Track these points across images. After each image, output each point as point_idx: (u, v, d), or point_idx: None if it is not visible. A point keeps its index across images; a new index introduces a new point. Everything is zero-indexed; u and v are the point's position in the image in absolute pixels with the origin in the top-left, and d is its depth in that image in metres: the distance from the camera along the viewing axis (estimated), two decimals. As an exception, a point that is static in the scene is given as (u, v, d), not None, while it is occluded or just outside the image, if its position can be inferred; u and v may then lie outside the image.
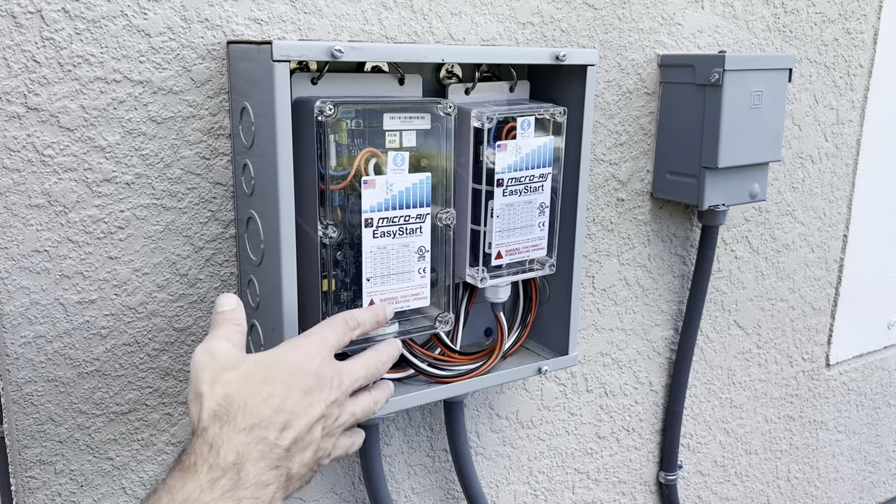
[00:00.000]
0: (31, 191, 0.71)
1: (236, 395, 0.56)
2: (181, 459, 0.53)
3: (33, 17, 0.68)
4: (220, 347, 0.60)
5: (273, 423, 0.56)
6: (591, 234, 1.09)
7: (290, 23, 0.80)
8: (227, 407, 0.55)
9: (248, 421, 0.55)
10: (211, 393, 0.56)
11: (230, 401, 0.56)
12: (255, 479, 0.53)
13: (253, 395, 0.56)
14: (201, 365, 0.59)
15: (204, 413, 0.55)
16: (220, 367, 0.58)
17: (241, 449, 0.53)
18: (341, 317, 0.67)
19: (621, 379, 1.20)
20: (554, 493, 1.18)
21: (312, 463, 0.60)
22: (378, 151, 0.73)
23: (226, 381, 0.57)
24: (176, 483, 0.52)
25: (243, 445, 0.54)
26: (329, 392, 0.60)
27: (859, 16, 1.32)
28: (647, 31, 1.06)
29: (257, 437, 0.55)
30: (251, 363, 0.59)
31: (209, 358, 0.59)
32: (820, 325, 1.47)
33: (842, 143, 1.37)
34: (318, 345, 0.62)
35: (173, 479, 0.52)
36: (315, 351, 0.62)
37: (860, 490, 1.70)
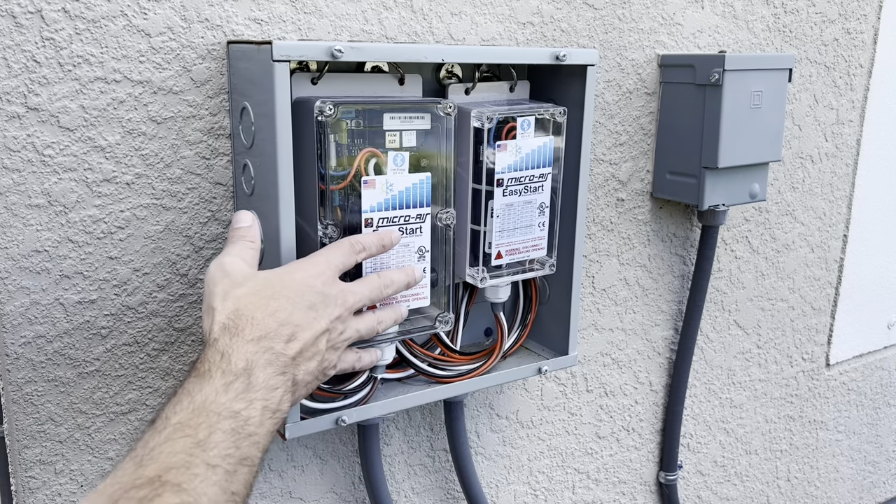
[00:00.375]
0: (31, 191, 0.71)
1: (245, 310, 0.60)
2: (196, 367, 0.58)
3: (33, 17, 0.68)
4: (233, 264, 0.64)
5: (279, 334, 0.60)
6: (591, 234, 1.09)
7: (290, 23, 0.80)
8: (235, 320, 0.59)
9: (256, 332, 0.59)
10: (222, 308, 0.61)
11: (239, 314, 0.60)
12: (265, 383, 0.57)
13: (261, 310, 0.60)
14: (214, 280, 0.63)
15: (215, 326, 0.60)
16: (231, 283, 0.62)
17: (249, 357, 0.58)
18: (347, 240, 0.70)
19: (621, 379, 1.20)
20: (554, 493, 1.18)
21: (318, 372, 0.64)
22: (378, 151, 0.73)
23: (236, 297, 0.61)
24: (193, 387, 0.56)
25: (252, 354, 0.58)
26: (333, 308, 0.64)
27: (859, 16, 1.32)
28: (647, 31, 1.06)
29: (264, 346, 0.59)
30: (260, 280, 0.63)
31: (222, 274, 0.63)
32: (820, 325, 1.47)
33: (842, 143, 1.37)
34: (323, 265, 0.66)
35: (190, 384, 0.56)
36: (321, 270, 0.65)
37: (860, 490, 1.70)
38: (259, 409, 0.57)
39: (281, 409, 0.59)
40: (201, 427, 0.53)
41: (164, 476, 0.50)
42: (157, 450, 0.52)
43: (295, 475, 0.93)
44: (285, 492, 0.93)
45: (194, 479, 0.51)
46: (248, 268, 0.65)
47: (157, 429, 0.54)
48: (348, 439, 0.96)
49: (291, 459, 0.92)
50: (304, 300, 0.63)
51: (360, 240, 0.70)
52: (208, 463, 0.52)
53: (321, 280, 0.65)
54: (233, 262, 0.65)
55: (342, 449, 0.96)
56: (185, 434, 0.53)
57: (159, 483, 0.50)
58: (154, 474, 0.50)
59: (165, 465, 0.51)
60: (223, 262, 0.65)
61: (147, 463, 0.51)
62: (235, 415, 0.55)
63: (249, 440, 0.55)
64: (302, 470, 0.94)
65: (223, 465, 0.53)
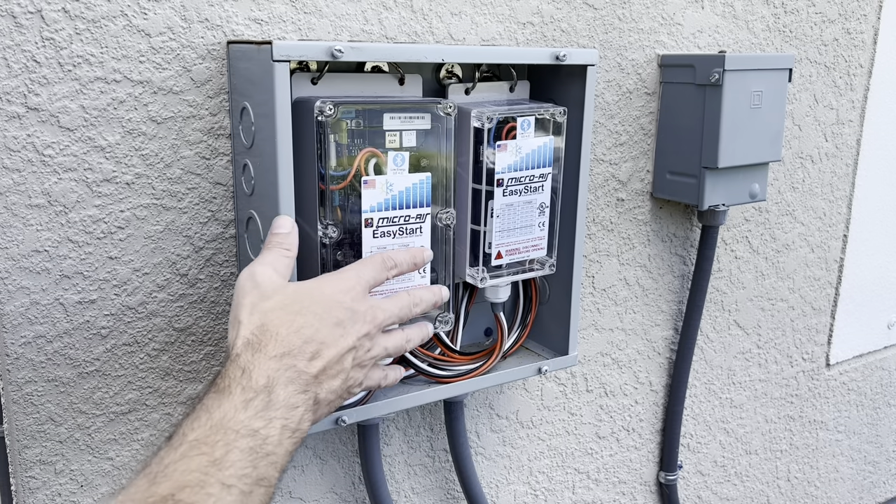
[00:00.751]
0: (31, 191, 0.71)
1: (270, 325, 0.59)
2: (216, 382, 0.57)
3: (33, 17, 0.68)
4: (264, 274, 0.63)
5: (303, 352, 0.59)
6: (591, 234, 1.09)
7: (290, 23, 0.80)
8: (259, 336, 0.59)
9: (279, 350, 0.58)
10: (248, 321, 0.60)
11: (264, 330, 0.59)
12: (285, 402, 0.56)
13: (286, 326, 0.59)
14: (244, 291, 0.62)
15: (238, 340, 0.59)
16: (260, 296, 0.61)
17: (271, 374, 0.57)
18: (379, 256, 0.69)
19: (621, 379, 1.20)
20: (554, 493, 1.18)
21: (342, 391, 0.63)
22: (378, 151, 0.73)
23: (263, 311, 0.60)
24: (212, 403, 0.55)
25: (273, 371, 0.57)
26: (361, 325, 0.63)
27: (859, 16, 1.32)
28: (647, 31, 1.06)
29: (287, 364, 0.58)
30: (289, 293, 0.62)
31: (252, 285, 0.62)
32: (820, 325, 1.47)
33: (842, 143, 1.37)
34: (353, 280, 0.65)
35: (210, 399, 0.55)
36: (351, 285, 0.64)
37: (860, 490, 1.70)
38: (278, 427, 0.55)
39: (301, 429, 0.58)
40: (218, 445, 0.52)
41: (177, 495, 0.49)
42: (171, 467, 0.51)
43: (295, 475, 0.93)
44: (285, 492, 0.93)
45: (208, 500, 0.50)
46: (279, 278, 0.64)
47: (172, 445, 0.53)
48: (348, 439, 0.96)
49: (291, 459, 0.92)
50: (331, 316, 0.62)
51: (393, 256, 0.70)
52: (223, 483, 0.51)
53: (350, 296, 0.64)
54: (264, 271, 0.64)
55: (342, 449, 0.96)
56: (201, 452, 0.52)
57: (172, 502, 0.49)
58: (167, 492, 0.49)
59: (179, 484, 0.50)
60: (254, 272, 0.64)
61: (161, 480, 0.50)
62: (254, 433, 0.54)
63: (267, 460, 0.54)
64: (302, 470, 0.94)
65: (239, 485, 0.52)
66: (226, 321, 0.84)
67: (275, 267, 0.65)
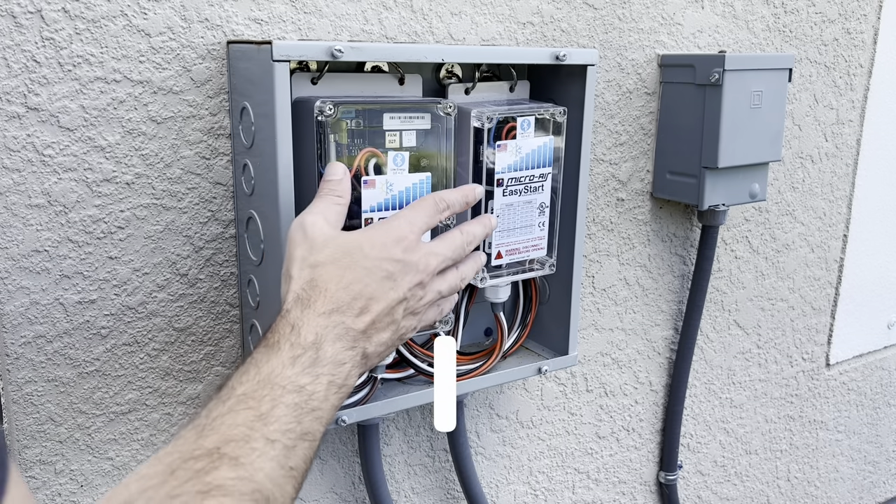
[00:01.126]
0: (31, 191, 0.71)
1: (319, 280, 0.59)
2: (266, 337, 0.57)
3: (33, 17, 0.68)
4: (314, 225, 0.63)
5: (351, 307, 0.59)
6: (591, 234, 1.09)
7: (290, 23, 0.80)
8: (309, 291, 0.59)
9: (328, 306, 0.58)
10: (299, 276, 0.60)
11: (313, 285, 0.59)
12: (332, 358, 0.57)
13: (335, 281, 0.59)
14: (295, 242, 0.62)
15: (289, 296, 0.59)
16: (310, 248, 0.61)
17: (319, 331, 0.57)
18: (431, 198, 0.68)
19: (621, 379, 1.20)
20: (554, 493, 1.18)
21: (392, 341, 0.63)
22: (378, 151, 0.73)
23: (312, 265, 0.60)
24: (262, 358, 0.56)
25: (322, 328, 0.57)
26: (414, 275, 0.63)
27: (859, 16, 1.32)
28: (647, 31, 1.06)
29: (335, 321, 0.58)
30: (340, 245, 0.61)
31: (302, 236, 0.62)
32: (820, 325, 1.47)
33: (842, 143, 1.37)
34: (406, 228, 0.64)
35: (259, 353, 0.56)
36: (403, 234, 0.63)
37: (860, 490, 1.70)
38: (325, 384, 0.56)
39: (347, 384, 0.58)
40: (265, 400, 0.53)
41: (222, 448, 0.50)
42: (218, 420, 0.52)
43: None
44: (285, 492, 0.93)
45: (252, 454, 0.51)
46: (329, 228, 0.63)
47: (221, 398, 0.53)
48: (348, 439, 0.96)
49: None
50: (381, 270, 0.61)
51: (445, 197, 0.68)
52: (268, 437, 0.52)
53: (402, 246, 0.63)
54: (314, 221, 0.63)
55: (342, 449, 0.96)
56: (247, 406, 0.53)
57: (217, 455, 0.50)
58: (213, 446, 0.50)
59: (225, 438, 0.51)
60: (304, 223, 0.63)
61: (208, 433, 0.51)
62: (300, 389, 0.55)
63: (312, 415, 0.55)
64: (302, 470, 0.93)
65: (283, 439, 0.53)
66: (225, 321, 0.84)
67: (325, 216, 0.64)
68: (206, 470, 0.49)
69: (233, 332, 0.85)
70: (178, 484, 0.48)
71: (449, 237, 0.68)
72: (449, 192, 0.70)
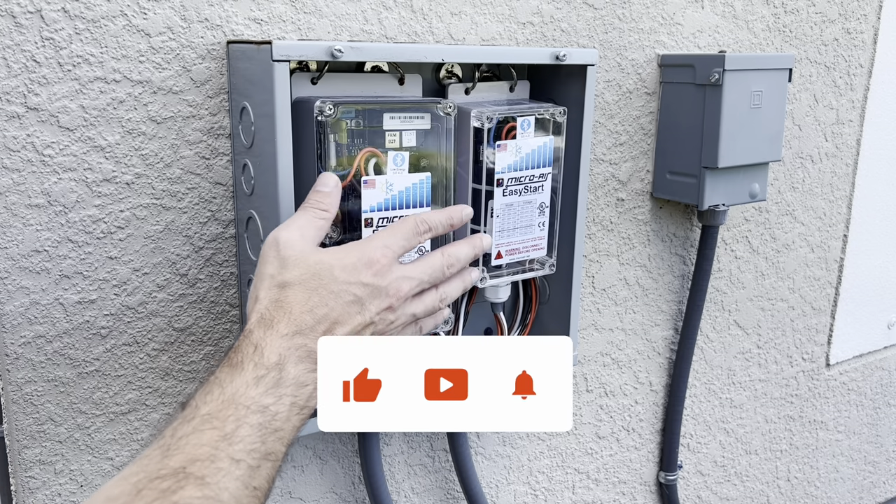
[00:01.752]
0: (31, 191, 0.71)
1: (285, 301, 0.59)
2: (230, 357, 0.58)
3: (33, 17, 0.68)
4: (288, 241, 0.62)
5: (314, 330, 0.59)
6: (591, 234, 1.09)
7: (289, 23, 0.80)
8: (273, 312, 0.59)
9: (291, 328, 0.58)
10: (266, 295, 0.60)
11: (279, 306, 0.59)
12: (295, 380, 0.57)
13: (301, 303, 0.59)
14: (266, 259, 0.62)
15: (253, 316, 0.60)
16: (280, 266, 0.61)
17: (282, 352, 0.57)
18: (411, 219, 0.67)
19: (621, 379, 1.20)
20: (554, 493, 1.18)
21: None
22: (378, 151, 0.73)
23: (280, 284, 0.60)
24: (225, 377, 0.56)
25: (284, 349, 0.57)
26: (382, 300, 0.62)
27: (859, 16, 1.32)
28: (647, 31, 1.06)
29: (297, 343, 0.58)
30: (310, 268, 0.61)
31: (274, 253, 0.62)
32: (820, 325, 1.47)
33: (842, 143, 1.37)
34: (378, 253, 0.63)
35: (223, 373, 0.56)
36: (374, 258, 0.62)
37: (860, 490, 1.70)
38: (287, 404, 0.56)
39: (309, 406, 0.58)
40: (229, 420, 0.54)
41: (188, 468, 0.51)
42: (184, 439, 0.52)
43: (295, 475, 0.93)
44: (285, 492, 0.93)
45: (218, 473, 0.51)
46: (304, 245, 0.62)
47: (185, 417, 0.54)
48: (348, 439, 0.96)
49: (291, 459, 0.92)
50: (348, 293, 0.61)
51: (427, 219, 0.67)
52: (232, 457, 0.52)
53: (372, 270, 0.62)
54: (289, 238, 0.62)
55: (342, 449, 0.96)
56: (212, 426, 0.53)
57: (183, 475, 0.50)
58: (178, 465, 0.51)
59: (191, 457, 0.51)
60: (279, 239, 0.62)
61: (173, 453, 0.51)
62: (264, 409, 0.55)
63: (275, 435, 0.55)
64: (302, 470, 0.94)
65: (247, 459, 0.53)
66: (225, 321, 0.84)
67: (303, 233, 0.63)
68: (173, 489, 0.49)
69: (233, 333, 0.85)
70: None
71: (427, 259, 0.67)
72: (432, 214, 0.68)
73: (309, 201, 0.66)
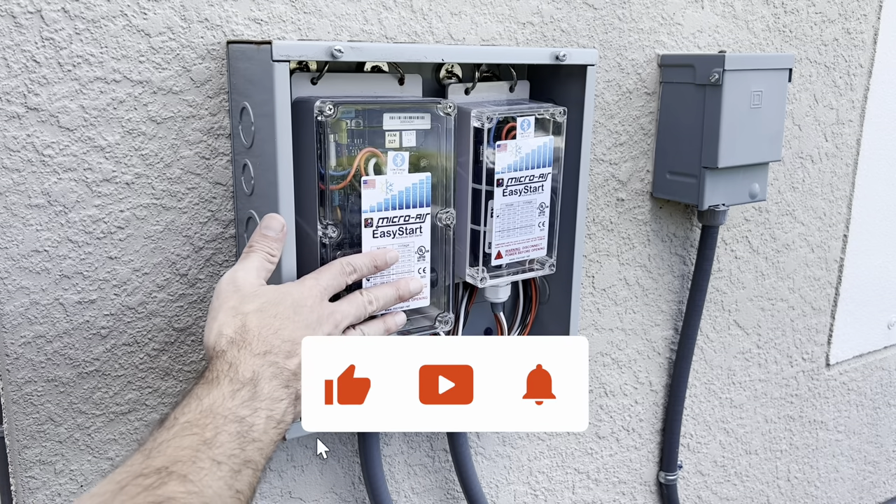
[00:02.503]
0: (31, 191, 0.71)
1: (251, 325, 0.64)
2: (204, 375, 0.61)
3: (33, 17, 0.68)
4: (245, 279, 0.67)
5: (281, 350, 0.63)
6: (591, 234, 1.09)
7: (289, 23, 0.80)
8: (243, 335, 0.63)
9: (262, 348, 0.62)
10: (231, 322, 0.64)
11: (246, 330, 0.63)
12: (270, 394, 0.61)
13: (266, 328, 0.64)
14: (225, 295, 0.66)
15: (222, 339, 0.63)
16: (241, 299, 0.65)
17: (256, 369, 0.61)
18: (338, 262, 0.72)
19: (621, 379, 1.20)
20: (554, 493, 1.18)
21: None
22: (378, 151, 0.73)
23: (244, 313, 0.64)
24: (202, 392, 0.59)
25: (258, 366, 0.61)
26: (326, 327, 0.68)
27: (859, 16, 1.32)
28: (647, 31, 1.06)
29: (269, 360, 0.62)
30: (267, 298, 0.66)
31: (233, 289, 0.66)
32: (820, 325, 1.47)
33: (842, 143, 1.37)
34: (313, 287, 0.69)
35: (199, 388, 0.59)
36: (312, 293, 0.68)
37: (860, 490, 1.70)
38: (264, 417, 0.59)
39: (285, 420, 0.61)
40: (208, 427, 0.56)
41: (171, 467, 0.52)
42: (165, 444, 0.54)
43: (295, 475, 0.93)
44: (285, 492, 0.93)
45: (200, 472, 0.53)
46: (258, 282, 0.68)
47: (165, 426, 0.56)
48: (348, 439, 0.96)
49: (291, 459, 0.92)
50: (301, 319, 0.66)
51: (352, 261, 0.72)
52: (214, 459, 0.55)
53: (311, 301, 0.67)
54: (245, 277, 0.67)
55: (342, 449, 0.96)
56: (192, 432, 0.55)
57: (166, 473, 0.52)
58: (161, 465, 0.52)
59: (173, 458, 0.53)
60: (236, 278, 0.67)
61: (155, 455, 0.53)
62: (241, 420, 0.58)
63: (253, 445, 0.58)
64: (302, 470, 0.94)
65: (228, 463, 0.55)
66: (226, 321, 0.84)
67: (257, 273, 0.68)
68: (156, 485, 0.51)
69: (233, 332, 0.85)
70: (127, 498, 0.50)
71: (351, 296, 0.72)
72: (357, 257, 0.73)
73: (257, 244, 0.70)
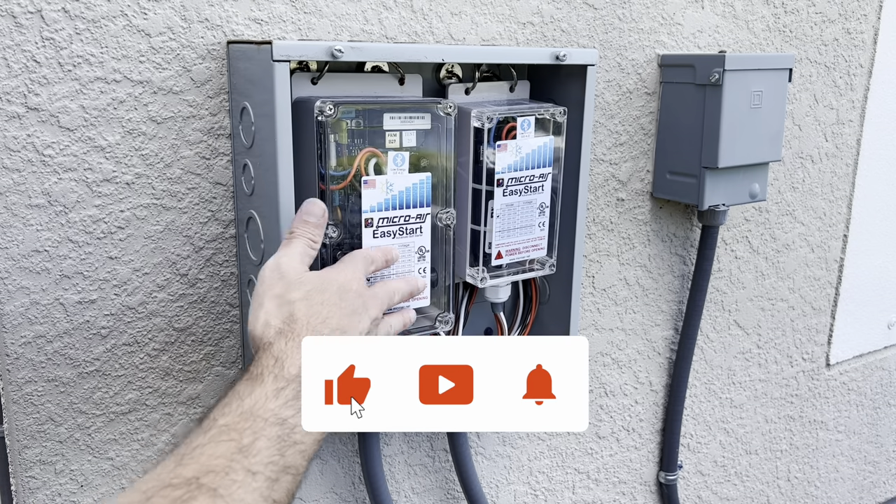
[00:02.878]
0: (31, 191, 0.71)
1: (298, 314, 0.62)
2: (249, 370, 0.59)
3: (33, 17, 0.68)
4: (289, 266, 0.65)
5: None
6: (591, 234, 1.09)
7: (290, 23, 0.80)
8: (291, 325, 0.61)
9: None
10: (278, 312, 0.62)
11: (294, 319, 0.61)
12: None
13: (314, 316, 0.62)
14: (270, 282, 0.64)
15: (270, 330, 0.61)
16: (286, 286, 0.64)
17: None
18: (361, 252, 0.72)
19: (621, 379, 1.20)
20: (554, 493, 1.18)
21: None
22: (378, 151, 0.73)
23: (290, 301, 0.63)
24: (244, 390, 0.56)
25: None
26: (372, 310, 0.67)
27: (859, 16, 1.32)
28: (647, 31, 1.06)
29: None
30: (313, 285, 0.65)
31: (277, 276, 0.64)
32: (820, 325, 1.47)
33: (842, 143, 1.37)
34: (354, 271, 0.68)
35: (242, 386, 0.57)
36: (354, 276, 0.68)
37: (860, 490, 1.70)
38: None
39: None
40: (246, 432, 0.54)
41: (201, 479, 0.50)
42: (199, 450, 0.52)
43: (295, 475, 0.93)
44: (285, 492, 0.93)
45: (232, 486, 0.51)
46: (302, 268, 0.66)
47: (203, 429, 0.54)
48: (348, 439, 0.96)
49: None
50: (347, 305, 0.65)
51: (370, 254, 0.72)
52: (249, 469, 0.52)
53: (355, 286, 0.66)
54: (289, 263, 0.66)
55: (342, 449, 0.96)
56: (229, 438, 0.53)
57: (196, 486, 0.50)
58: (192, 475, 0.50)
59: (205, 468, 0.51)
60: (280, 264, 0.65)
61: (187, 462, 0.51)
62: (283, 422, 0.56)
63: (295, 448, 0.56)
64: (302, 470, 0.93)
65: (265, 471, 0.53)
66: (225, 321, 0.84)
67: (301, 258, 0.67)
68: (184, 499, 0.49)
69: (233, 332, 0.85)
70: None
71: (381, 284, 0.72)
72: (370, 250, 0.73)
73: (298, 230, 0.68)
